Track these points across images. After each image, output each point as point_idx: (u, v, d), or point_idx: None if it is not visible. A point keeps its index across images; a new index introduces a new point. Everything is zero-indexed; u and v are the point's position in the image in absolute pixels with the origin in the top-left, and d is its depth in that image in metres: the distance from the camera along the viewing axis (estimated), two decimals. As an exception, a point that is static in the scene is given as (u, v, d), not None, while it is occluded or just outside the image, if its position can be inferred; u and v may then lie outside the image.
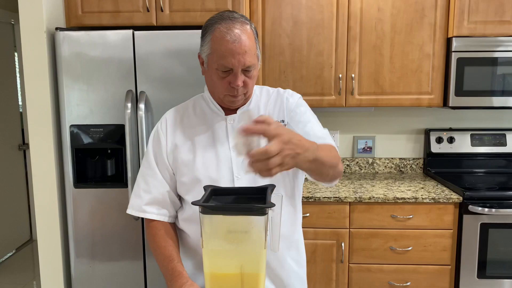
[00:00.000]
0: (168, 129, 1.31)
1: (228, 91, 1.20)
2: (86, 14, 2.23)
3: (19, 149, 4.08)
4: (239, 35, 1.14)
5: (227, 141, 1.27)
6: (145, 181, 1.30)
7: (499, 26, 2.39)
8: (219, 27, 1.16)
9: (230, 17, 1.18)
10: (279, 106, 1.32)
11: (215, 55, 1.16)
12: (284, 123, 1.30)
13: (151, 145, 1.32)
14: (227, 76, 1.18)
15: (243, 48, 1.15)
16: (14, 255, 3.95)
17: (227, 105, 1.27)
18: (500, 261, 2.26)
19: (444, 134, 2.75)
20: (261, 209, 0.87)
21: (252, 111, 1.28)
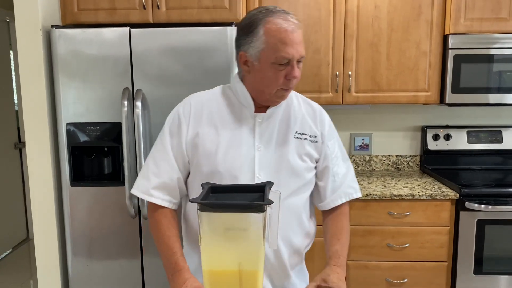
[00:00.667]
0: (192, 115, 1.26)
1: (283, 84, 1.18)
2: (82, 12, 2.22)
3: (15, 148, 4.06)
4: (294, 25, 1.14)
5: (252, 138, 1.24)
6: (156, 164, 1.26)
7: (496, 23, 2.40)
8: (271, 20, 1.14)
9: (278, 9, 1.17)
10: (312, 119, 1.31)
11: (272, 47, 1.14)
12: (316, 139, 1.30)
13: (169, 128, 1.28)
14: (283, 69, 1.16)
15: (299, 38, 1.15)
16: (11, 254, 3.94)
17: (275, 101, 1.24)
18: (496, 258, 2.27)
19: (440, 131, 2.76)
20: (259, 206, 0.87)
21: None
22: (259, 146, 1.24)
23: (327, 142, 1.32)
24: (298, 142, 1.27)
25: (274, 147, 1.25)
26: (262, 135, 1.25)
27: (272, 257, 1.26)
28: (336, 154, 1.34)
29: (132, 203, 2.09)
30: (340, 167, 1.34)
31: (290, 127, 1.28)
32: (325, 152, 1.31)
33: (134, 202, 2.11)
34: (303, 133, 1.28)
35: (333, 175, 1.32)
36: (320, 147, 1.31)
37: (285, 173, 1.24)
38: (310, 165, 1.29)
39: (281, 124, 1.27)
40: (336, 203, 1.34)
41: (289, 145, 1.26)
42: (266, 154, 1.24)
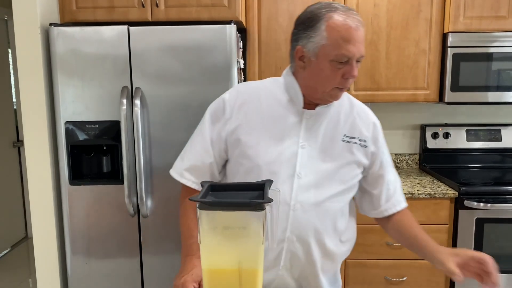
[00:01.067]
0: (237, 104, 1.23)
1: (339, 83, 1.14)
2: (80, 10, 2.21)
3: (13, 146, 4.05)
4: (357, 22, 1.10)
5: (297, 135, 1.21)
6: (192, 146, 1.28)
7: (495, 22, 2.40)
8: (334, 16, 1.10)
9: (341, 5, 1.13)
10: (365, 124, 1.27)
11: (333, 45, 1.09)
12: (366, 144, 1.25)
13: (211, 113, 1.27)
14: (342, 67, 1.12)
15: (362, 36, 1.11)
16: (10, 252, 3.94)
17: (327, 100, 1.19)
18: (495, 256, 2.25)
19: (439, 130, 2.76)
20: (259, 205, 0.86)
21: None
22: (303, 144, 1.20)
23: (382, 149, 1.28)
24: (346, 146, 1.23)
25: (319, 147, 1.21)
26: (307, 133, 1.21)
27: (303, 257, 1.23)
28: (389, 163, 1.32)
29: (131, 201, 2.09)
30: (390, 174, 1.32)
31: (339, 129, 1.24)
32: (381, 159, 1.28)
33: (133, 200, 2.11)
34: (352, 137, 1.24)
35: (387, 183, 1.30)
36: (369, 152, 1.26)
37: (326, 175, 1.21)
38: (356, 171, 1.25)
39: (329, 125, 1.23)
40: (390, 212, 1.32)
41: (336, 147, 1.22)
42: (309, 153, 1.20)
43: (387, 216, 1.34)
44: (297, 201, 1.19)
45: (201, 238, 0.89)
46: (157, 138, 2.09)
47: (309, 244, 1.22)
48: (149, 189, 2.12)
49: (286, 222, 1.19)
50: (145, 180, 2.10)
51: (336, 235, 1.27)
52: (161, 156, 2.10)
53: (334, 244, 1.27)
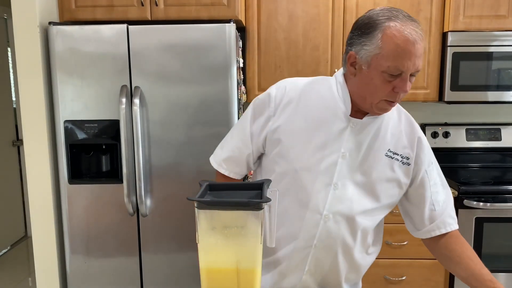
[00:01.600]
0: (283, 102, 1.19)
1: (389, 96, 1.08)
2: (79, 9, 2.21)
3: (13, 145, 4.05)
4: (418, 36, 1.03)
5: (339, 143, 1.15)
6: (233, 137, 1.30)
7: (495, 21, 2.39)
8: (394, 25, 1.03)
9: (403, 14, 1.06)
10: (409, 139, 1.20)
11: (387, 55, 1.03)
12: (409, 162, 1.19)
13: (255, 107, 1.24)
14: (393, 80, 1.05)
15: (420, 51, 1.04)
16: (9, 251, 3.94)
17: (376, 112, 1.13)
18: (495, 255, 2.28)
19: (439, 129, 2.76)
20: (257, 204, 0.86)
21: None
22: (344, 153, 1.15)
23: (426, 168, 1.21)
24: (388, 161, 1.17)
25: (361, 159, 1.16)
26: (350, 142, 1.15)
27: (328, 265, 1.21)
28: (435, 181, 1.23)
29: (130, 200, 2.09)
30: (440, 194, 1.24)
31: (384, 142, 1.17)
32: (422, 178, 1.21)
33: (133, 199, 2.11)
34: (395, 153, 1.18)
35: (432, 203, 1.22)
36: (411, 170, 1.19)
37: (363, 190, 1.17)
38: (394, 190, 1.20)
39: (374, 136, 1.17)
40: (435, 234, 1.24)
41: (378, 162, 1.16)
42: (349, 164, 1.16)
43: (433, 238, 1.26)
44: (330, 212, 1.16)
45: (199, 237, 0.89)
46: (156, 137, 2.09)
47: (336, 254, 1.20)
48: (148, 188, 2.12)
49: (316, 229, 1.17)
50: (144, 179, 2.09)
51: (364, 249, 1.24)
52: (160, 155, 2.10)
53: (361, 257, 1.24)
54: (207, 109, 2.06)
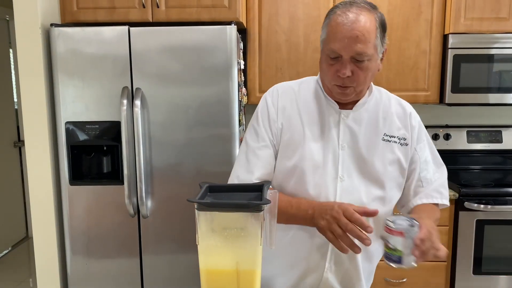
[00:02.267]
0: (280, 104, 1.23)
1: (335, 80, 1.12)
2: (81, 10, 2.22)
3: (14, 146, 4.06)
4: (353, 18, 1.06)
5: (336, 136, 1.19)
6: (256, 156, 1.21)
7: (496, 23, 2.39)
8: (337, 10, 1.10)
9: (352, 1, 1.11)
10: (402, 120, 1.23)
11: (327, 39, 1.11)
12: (406, 142, 1.21)
13: (257, 116, 1.24)
14: (335, 64, 1.10)
15: (354, 32, 1.05)
16: (10, 252, 3.94)
17: (336, 98, 1.18)
18: (495, 258, 2.27)
19: (440, 131, 2.76)
20: (257, 206, 0.87)
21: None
22: (342, 144, 1.18)
23: (415, 146, 1.23)
24: (386, 145, 1.20)
25: (359, 148, 1.19)
26: (346, 133, 1.19)
27: (347, 260, 1.22)
28: (426, 159, 1.25)
29: (131, 202, 2.09)
30: (430, 172, 1.25)
31: (379, 128, 1.20)
32: (413, 156, 1.23)
33: (133, 201, 2.11)
34: (392, 135, 1.20)
35: (420, 180, 1.24)
36: (409, 150, 1.22)
37: (369, 179, 1.19)
38: (397, 173, 1.21)
39: (368, 124, 1.20)
40: (415, 204, 1.25)
41: (376, 148, 1.19)
42: (350, 154, 1.18)
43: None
44: None
45: (199, 239, 0.89)
46: (157, 139, 2.09)
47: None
48: (149, 190, 2.12)
49: None
50: (145, 181, 2.10)
51: (377, 238, 1.24)
52: (161, 157, 2.10)
53: (375, 247, 1.23)
54: (208, 110, 2.06)
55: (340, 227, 1.00)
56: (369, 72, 1.12)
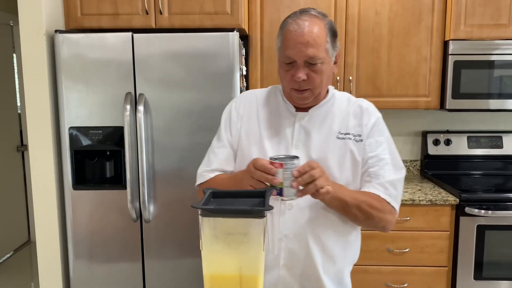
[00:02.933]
0: (241, 110, 1.34)
1: (292, 84, 1.21)
2: (85, 17, 2.24)
3: (17, 151, 4.08)
4: (303, 25, 1.16)
5: (291, 137, 1.27)
6: (215, 153, 1.35)
7: (496, 30, 2.41)
8: (289, 20, 1.20)
9: (303, 10, 1.21)
10: (358, 118, 1.28)
11: (282, 47, 1.20)
12: (361, 138, 1.25)
13: (223, 121, 1.37)
14: (290, 69, 1.19)
15: (305, 38, 1.14)
16: (12, 256, 3.95)
17: (296, 102, 1.26)
18: (496, 263, 2.28)
19: (441, 136, 2.77)
20: (259, 212, 0.88)
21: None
22: (297, 144, 1.25)
23: (366, 140, 1.25)
24: (341, 142, 1.25)
25: (314, 148, 1.25)
26: (301, 134, 1.26)
27: (302, 256, 1.24)
28: (378, 155, 1.25)
29: (134, 206, 2.11)
30: (384, 170, 1.25)
31: (332, 128, 1.26)
32: (363, 150, 1.25)
33: (136, 205, 2.12)
34: (346, 133, 1.26)
35: (369, 175, 1.24)
36: (362, 146, 1.26)
37: None
38: (352, 168, 1.25)
39: (322, 125, 1.27)
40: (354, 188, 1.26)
41: (330, 147, 1.25)
42: (304, 154, 1.24)
43: None
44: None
45: (203, 244, 0.91)
46: (160, 144, 2.11)
47: (307, 242, 1.24)
48: (151, 194, 2.13)
49: (282, 218, 1.23)
50: (148, 185, 2.11)
51: (336, 235, 1.27)
52: (164, 162, 2.11)
53: (333, 243, 1.26)
54: (210, 116, 2.08)
55: (253, 177, 1.09)
56: (323, 75, 1.20)
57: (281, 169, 1.05)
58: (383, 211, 1.23)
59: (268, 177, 1.05)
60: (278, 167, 1.05)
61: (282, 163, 1.05)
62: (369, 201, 1.20)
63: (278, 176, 1.05)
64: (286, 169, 1.05)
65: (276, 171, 1.05)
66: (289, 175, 1.05)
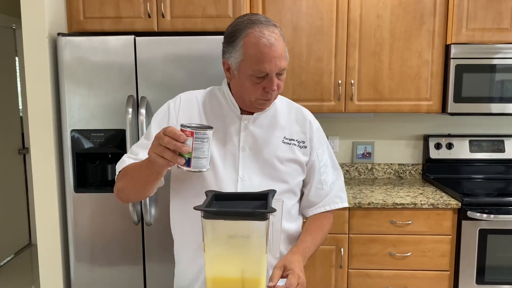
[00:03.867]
0: (181, 109, 1.29)
1: (262, 95, 1.20)
2: (88, 20, 2.25)
3: (19, 153, 4.08)
4: (274, 39, 1.14)
5: (237, 139, 1.27)
6: (139, 149, 1.27)
7: (497, 34, 2.41)
8: (251, 32, 1.14)
9: (261, 20, 1.17)
10: (301, 125, 1.33)
11: (250, 60, 1.15)
12: (305, 145, 1.32)
13: (158, 119, 1.30)
14: (261, 82, 1.17)
15: (278, 52, 1.14)
16: (13, 259, 3.95)
17: (257, 107, 1.25)
18: (499, 267, 2.27)
19: (443, 140, 2.77)
20: (262, 214, 0.88)
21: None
22: (243, 147, 1.26)
23: (316, 151, 1.34)
24: (287, 147, 1.29)
25: (260, 150, 1.27)
26: (247, 137, 1.27)
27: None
28: (325, 162, 1.36)
29: (135, 209, 2.11)
30: (329, 175, 1.36)
31: (278, 132, 1.30)
32: (313, 160, 1.33)
33: (137, 208, 2.12)
34: (291, 139, 1.30)
35: (321, 183, 1.34)
36: (308, 152, 1.32)
37: (269, 177, 1.26)
38: (298, 170, 1.31)
39: (268, 128, 1.29)
40: (323, 210, 1.36)
41: (276, 149, 1.28)
42: (251, 156, 1.26)
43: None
44: None
45: (205, 246, 0.90)
46: (161, 147, 2.10)
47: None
48: (153, 197, 2.13)
49: None
50: (149, 188, 2.11)
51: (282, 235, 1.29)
52: (165, 165, 2.11)
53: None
54: (212, 119, 2.08)
55: (160, 144, 1.00)
56: (284, 80, 1.23)
57: (192, 137, 0.98)
58: (330, 221, 1.39)
59: (176, 143, 0.97)
60: (189, 136, 0.98)
61: (193, 131, 0.98)
62: (324, 231, 1.34)
63: (187, 144, 0.98)
64: (197, 139, 0.98)
65: (186, 139, 0.97)
66: (199, 145, 0.99)
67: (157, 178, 1.14)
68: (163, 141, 0.98)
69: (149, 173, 1.11)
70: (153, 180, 1.15)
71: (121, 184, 1.25)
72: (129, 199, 1.29)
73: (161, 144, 0.99)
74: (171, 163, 0.99)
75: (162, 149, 0.99)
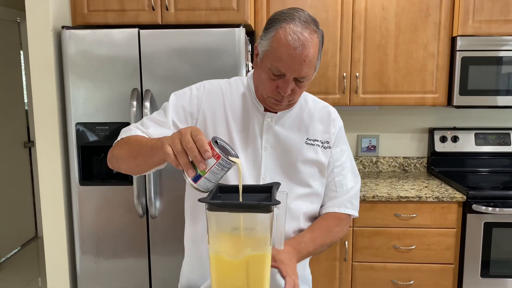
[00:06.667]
0: (204, 100, 1.23)
1: (274, 94, 1.14)
2: (92, 13, 2.25)
3: (24, 147, 4.10)
4: (303, 43, 1.06)
5: (260, 137, 1.22)
6: (152, 121, 1.21)
7: (504, 25, 2.39)
8: (285, 27, 1.08)
9: (301, 18, 1.10)
10: (325, 124, 1.28)
11: (272, 54, 1.09)
12: (329, 144, 1.27)
13: (177, 101, 1.23)
14: (277, 80, 1.11)
15: (303, 58, 1.07)
16: (19, 252, 3.98)
17: (268, 106, 1.20)
18: (503, 260, 2.27)
19: (448, 133, 2.75)
20: (266, 207, 0.88)
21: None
22: (266, 146, 1.22)
23: (332, 149, 1.28)
24: (310, 148, 1.24)
25: (282, 150, 1.23)
26: (269, 135, 1.23)
27: None
28: (342, 164, 1.29)
29: (140, 202, 2.12)
30: (348, 179, 1.29)
31: (302, 132, 1.25)
32: (330, 159, 1.28)
33: (142, 201, 2.13)
34: (315, 139, 1.25)
35: (335, 184, 1.28)
36: (329, 154, 1.28)
37: (292, 179, 1.23)
38: (320, 171, 1.27)
39: (291, 128, 1.25)
40: (327, 211, 1.30)
41: (299, 150, 1.23)
42: (273, 156, 1.22)
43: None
44: None
45: (210, 239, 0.91)
46: (166, 140, 2.11)
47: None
48: (157, 190, 2.14)
49: None
50: (154, 181, 2.12)
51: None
52: (170, 158, 2.11)
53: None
54: (216, 112, 2.08)
55: (181, 143, 0.89)
56: (305, 88, 1.17)
57: (216, 160, 0.89)
58: (342, 229, 1.30)
59: (197, 157, 0.87)
60: (214, 156, 0.89)
61: (220, 156, 0.89)
62: (330, 234, 1.25)
63: (208, 162, 0.89)
64: (220, 165, 0.90)
65: (210, 157, 0.88)
66: (218, 170, 0.90)
67: (158, 164, 1.07)
68: (185, 144, 0.88)
69: (152, 156, 1.03)
70: (153, 164, 1.06)
71: (119, 152, 1.16)
72: (120, 168, 1.18)
73: (182, 143, 0.89)
74: (180, 167, 0.91)
75: (181, 150, 0.89)
